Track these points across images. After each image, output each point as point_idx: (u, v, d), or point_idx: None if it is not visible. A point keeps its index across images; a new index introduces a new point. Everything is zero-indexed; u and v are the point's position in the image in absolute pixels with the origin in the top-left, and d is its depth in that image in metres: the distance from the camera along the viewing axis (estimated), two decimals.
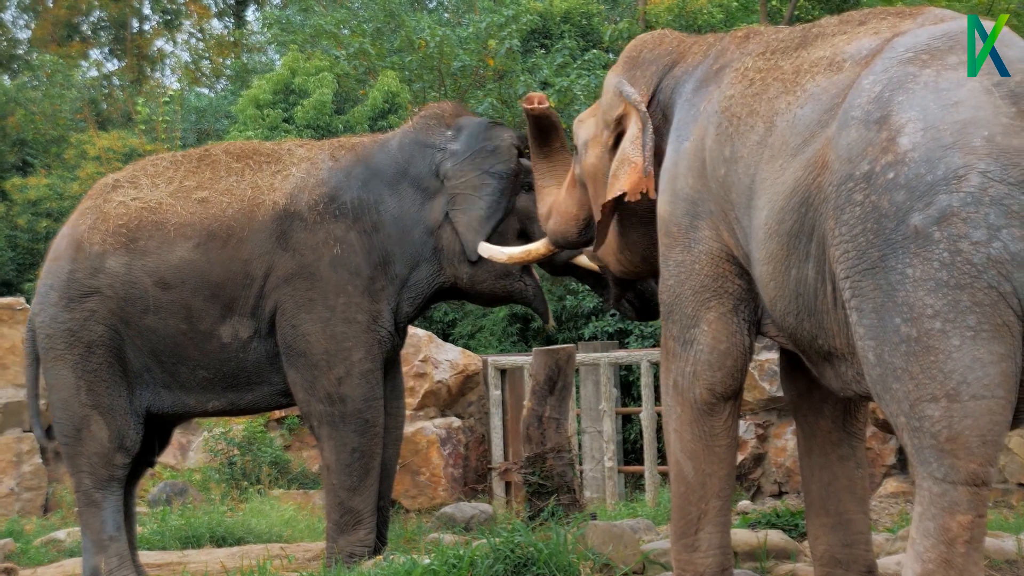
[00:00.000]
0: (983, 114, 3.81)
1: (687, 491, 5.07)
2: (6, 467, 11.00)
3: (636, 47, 5.63)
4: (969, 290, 3.71)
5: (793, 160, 4.37)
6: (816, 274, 4.30)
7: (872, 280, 3.90)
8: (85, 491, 6.76)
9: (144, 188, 6.88)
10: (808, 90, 4.46)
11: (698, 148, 4.90)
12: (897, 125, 3.92)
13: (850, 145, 4.05)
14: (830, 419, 5.11)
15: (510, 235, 6.91)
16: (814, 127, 4.33)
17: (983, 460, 3.75)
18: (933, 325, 3.75)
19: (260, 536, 8.78)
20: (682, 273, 4.96)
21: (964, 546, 3.78)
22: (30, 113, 21.27)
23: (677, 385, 5.02)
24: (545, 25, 17.71)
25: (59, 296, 6.77)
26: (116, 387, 6.73)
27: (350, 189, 6.76)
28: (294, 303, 6.61)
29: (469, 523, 8.55)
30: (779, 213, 4.39)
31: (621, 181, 5.23)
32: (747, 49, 4.99)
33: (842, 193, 4.03)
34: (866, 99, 4.07)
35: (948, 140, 3.79)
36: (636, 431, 12.42)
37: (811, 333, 4.48)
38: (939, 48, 4.04)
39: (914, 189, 3.81)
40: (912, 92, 3.95)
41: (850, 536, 5.13)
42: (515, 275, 6.92)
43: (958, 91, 3.87)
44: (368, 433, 6.65)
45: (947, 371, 3.73)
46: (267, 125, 16.90)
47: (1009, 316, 3.72)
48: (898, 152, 3.88)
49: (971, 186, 3.73)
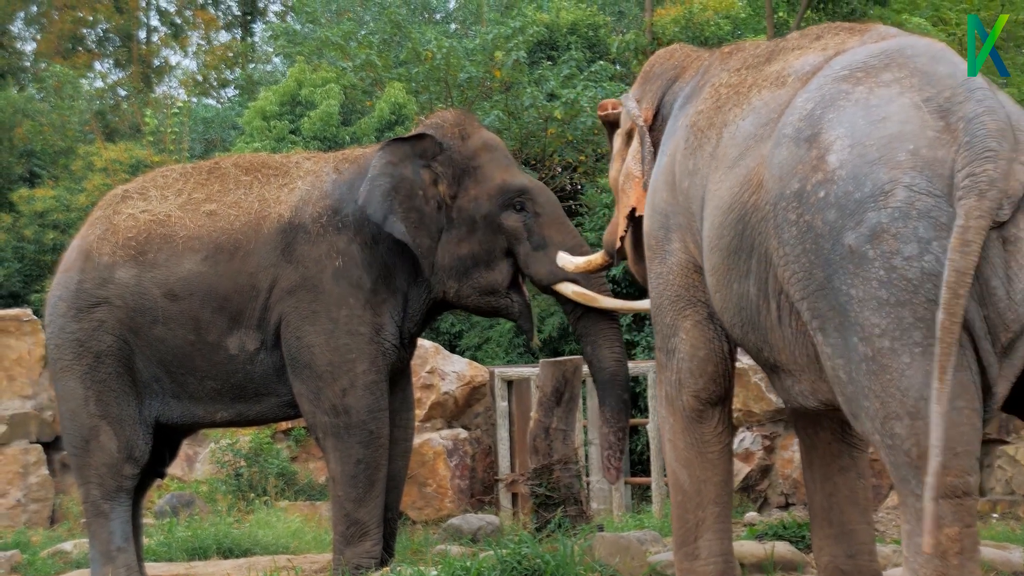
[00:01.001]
0: (909, 128, 3.83)
1: (684, 499, 5.10)
2: (13, 478, 11.00)
3: (650, 62, 5.74)
4: (910, 306, 3.72)
5: (730, 173, 4.42)
6: (758, 291, 4.33)
7: (826, 301, 3.93)
8: (93, 502, 6.77)
9: (153, 200, 6.90)
10: (752, 103, 4.51)
11: (671, 162, 4.98)
12: (826, 143, 3.95)
13: (782, 164, 4.08)
14: (829, 431, 5.13)
15: (497, 253, 6.86)
16: (750, 140, 4.38)
17: (959, 471, 3.75)
18: (883, 344, 3.77)
19: (267, 548, 8.78)
20: (660, 284, 5.03)
21: (956, 557, 3.78)
22: (37, 124, 21.30)
23: (668, 395, 5.08)
24: (552, 37, 17.74)
25: (68, 306, 6.80)
26: (125, 397, 6.74)
27: (352, 201, 6.76)
28: (298, 315, 6.61)
29: (476, 535, 8.54)
30: (718, 228, 4.45)
31: (629, 196, 5.31)
32: (727, 65, 5.05)
33: (779, 212, 4.07)
34: (798, 117, 4.10)
35: (874, 155, 3.82)
36: (643, 443, 12.42)
37: (756, 346, 4.53)
38: (874, 66, 4.07)
39: (844, 207, 3.84)
40: (842, 109, 3.98)
41: (854, 547, 5.13)
42: (501, 292, 6.86)
43: (887, 107, 3.89)
44: (373, 445, 6.65)
45: (903, 388, 3.75)
46: (274, 137, 16.92)
47: None
48: (827, 170, 3.91)
49: (898, 201, 3.75)
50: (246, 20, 33.28)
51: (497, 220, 6.80)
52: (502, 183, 6.83)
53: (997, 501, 8.54)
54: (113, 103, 27.85)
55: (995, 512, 8.45)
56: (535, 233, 6.78)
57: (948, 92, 3.87)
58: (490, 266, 6.81)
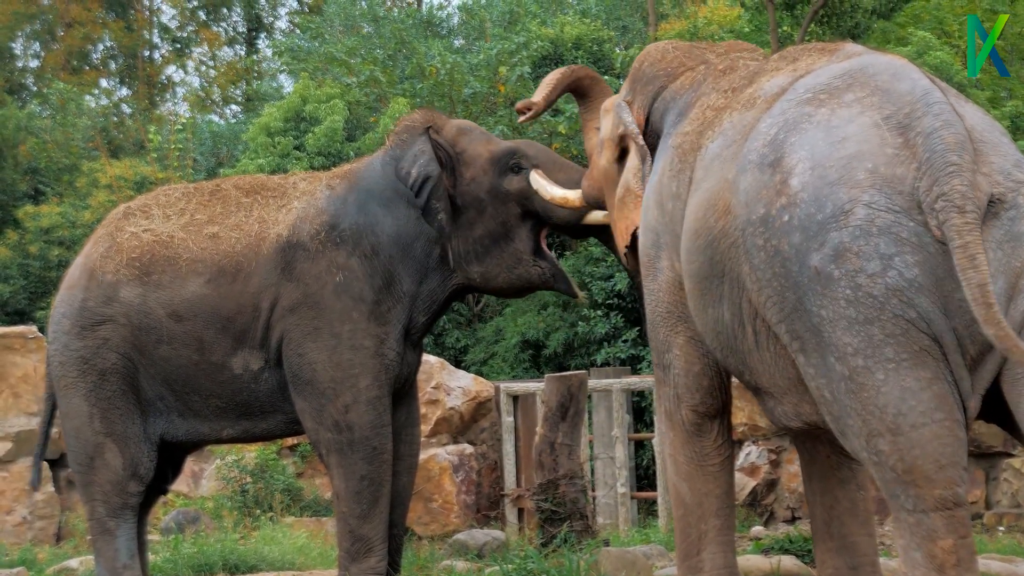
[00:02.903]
0: (868, 147, 3.86)
1: (686, 513, 5.11)
2: (19, 495, 11.00)
3: (641, 59, 5.70)
4: (878, 323, 3.75)
5: (696, 195, 4.45)
6: (732, 316, 4.35)
7: (801, 323, 3.95)
8: (99, 519, 6.77)
9: (156, 219, 6.91)
10: (723, 126, 4.55)
11: (659, 182, 5.00)
12: (789, 166, 3.98)
13: (747, 190, 4.11)
14: (828, 444, 5.13)
15: (513, 222, 6.86)
16: (715, 162, 4.41)
17: (946, 484, 3.77)
18: (857, 362, 3.80)
19: (273, 564, 8.77)
20: (653, 301, 5.06)
21: (954, 569, 3.79)
22: (41, 141, 21.34)
23: (667, 411, 5.10)
24: (556, 51, 17.74)
25: (72, 324, 6.79)
26: (129, 415, 6.75)
27: (348, 215, 6.76)
28: (300, 332, 6.61)
29: (482, 550, 8.54)
30: (688, 253, 4.49)
31: (632, 214, 5.33)
32: (719, 85, 5.07)
33: (747, 238, 4.10)
34: (761, 143, 4.13)
35: (833, 176, 3.85)
36: (648, 457, 12.41)
37: (737, 369, 4.57)
38: (837, 87, 4.10)
39: (807, 229, 3.87)
40: (804, 132, 4.01)
41: (856, 559, 5.13)
42: (527, 260, 6.83)
43: (847, 127, 3.92)
44: (376, 460, 6.63)
45: (881, 406, 3.77)
46: (278, 152, 16.94)
47: (924, 341, 3.76)
48: (790, 194, 3.94)
49: (858, 219, 3.77)
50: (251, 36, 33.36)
51: (501, 189, 6.82)
52: (490, 154, 6.86)
53: (1003, 514, 8.53)
54: (117, 120, 27.91)
55: (1001, 525, 8.45)
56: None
57: (907, 108, 3.90)
58: (509, 237, 6.81)
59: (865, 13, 15.37)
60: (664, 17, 19.62)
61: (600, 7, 21.10)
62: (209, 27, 33.31)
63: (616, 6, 21.76)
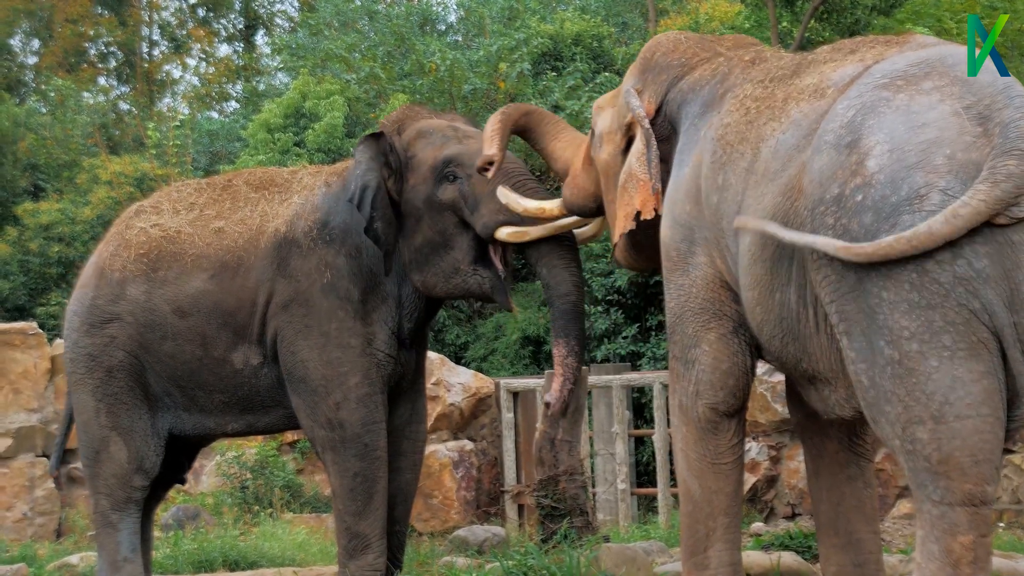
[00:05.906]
0: (948, 134, 3.84)
1: (694, 509, 5.09)
2: (19, 492, 11.01)
3: (651, 48, 5.62)
4: (940, 310, 3.73)
5: (771, 185, 4.41)
6: (798, 298, 4.34)
7: (855, 304, 3.94)
8: (102, 512, 6.80)
9: (165, 215, 6.94)
10: (792, 116, 4.50)
11: (695, 175, 4.94)
12: (866, 148, 3.96)
13: (822, 169, 4.09)
14: (836, 440, 5.13)
15: (451, 231, 6.64)
16: (792, 152, 4.37)
17: (978, 480, 3.76)
18: (911, 347, 3.78)
19: (273, 560, 8.77)
20: (682, 296, 5.01)
21: (969, 567, 3.79)
22: (40, 138, 21.33)
23: (682, 405, 5.07)
24: (556, 48, 17.73)
25: (81, 322, 6.88)
26: (136, 410, 6.79)
27: (339, 213, 6.71)
28: (292, 330, 6.61)
29: (482, 546, 8.54)
30: (761, 238, 4.43)
31: (634, 199, 5.26)
32: (750, 75, 5.01)
33: (816, 217, 4.08)
34: (839, 124, 4.11)
35: (912, 160, 3.83)
36: (649, 453, 12.41)
37: (795, 357, 4.52)
38: (915, 74, 4.09)
39: (880, 210, 3.85)
40: (883, 116, 3.99)
41: (861, 556, 5.14)
42: (465, 271, 6.64)
43: (928, 114, 3.91)
44: (368, 457, 6.61)
45: (929, 392, 3.76)
46: (278, 149, 16.94)
47: (983, 333, 3.75)
48: (866, 174, 3.92)
49: (933, 204, 3.76)
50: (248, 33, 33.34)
51: (435, 198, 6.64)
52: (432, 161, 6.68)
53: (1003, 510, 8.54)
54: (115, 116, 27.89)
55: (1001, 522, 8.45)
56: (470, 196, 6.57)
57: (988, 100, 3.89)
58: (448, 246, 6.65)
59: (865, 9, 15.37)
60: (664, 13, 19.60)
61: (600, 3, 21.06)
62: (208, 24, 33.29)
63: (616, 2, 21.73)
